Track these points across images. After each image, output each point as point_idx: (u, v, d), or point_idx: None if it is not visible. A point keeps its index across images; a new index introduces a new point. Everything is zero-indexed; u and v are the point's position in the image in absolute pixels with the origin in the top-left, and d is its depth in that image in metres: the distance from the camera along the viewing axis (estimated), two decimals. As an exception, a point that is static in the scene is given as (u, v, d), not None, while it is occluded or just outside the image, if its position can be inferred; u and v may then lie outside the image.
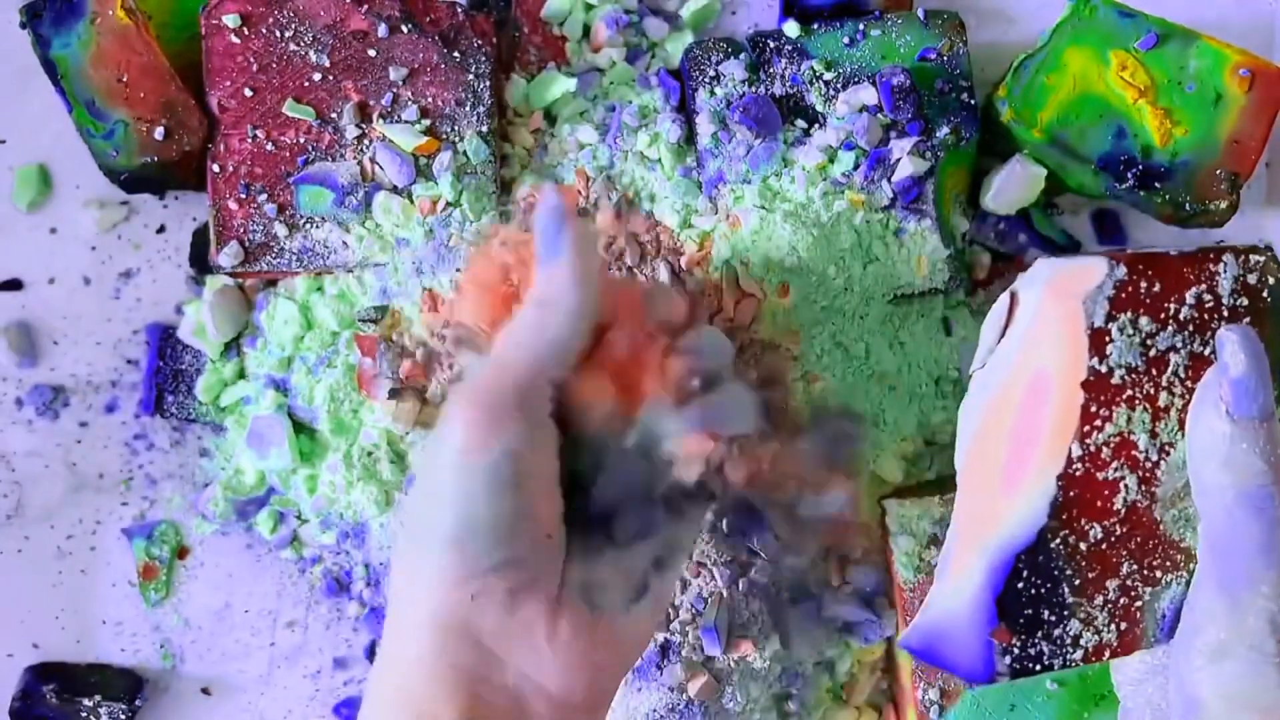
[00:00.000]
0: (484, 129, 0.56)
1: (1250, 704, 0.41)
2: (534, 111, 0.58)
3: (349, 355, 0.56)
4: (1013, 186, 0.58)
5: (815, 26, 0.57)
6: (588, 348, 0.45)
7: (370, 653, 0.58)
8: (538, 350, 0.44)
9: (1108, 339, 0.47)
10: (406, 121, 0.55)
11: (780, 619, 0.55)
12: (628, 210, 0.56)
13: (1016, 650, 0.47)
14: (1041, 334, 0.47)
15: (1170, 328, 0.47)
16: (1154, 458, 0.47)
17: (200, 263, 0.59)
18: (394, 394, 0.55)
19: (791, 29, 0.57)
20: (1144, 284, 0.47)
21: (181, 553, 0.59)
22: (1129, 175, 0.56)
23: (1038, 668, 0.47)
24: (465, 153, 0.55)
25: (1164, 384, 0.47)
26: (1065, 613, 0.47)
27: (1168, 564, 0.47)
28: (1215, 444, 0.43)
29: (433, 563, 0.42)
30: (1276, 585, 0.42)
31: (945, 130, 0.56)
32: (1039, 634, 0.47)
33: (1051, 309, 0.47)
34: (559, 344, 0.44)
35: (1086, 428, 0.47)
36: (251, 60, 0.55)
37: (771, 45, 0.57)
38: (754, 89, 0.57)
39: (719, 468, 0.47)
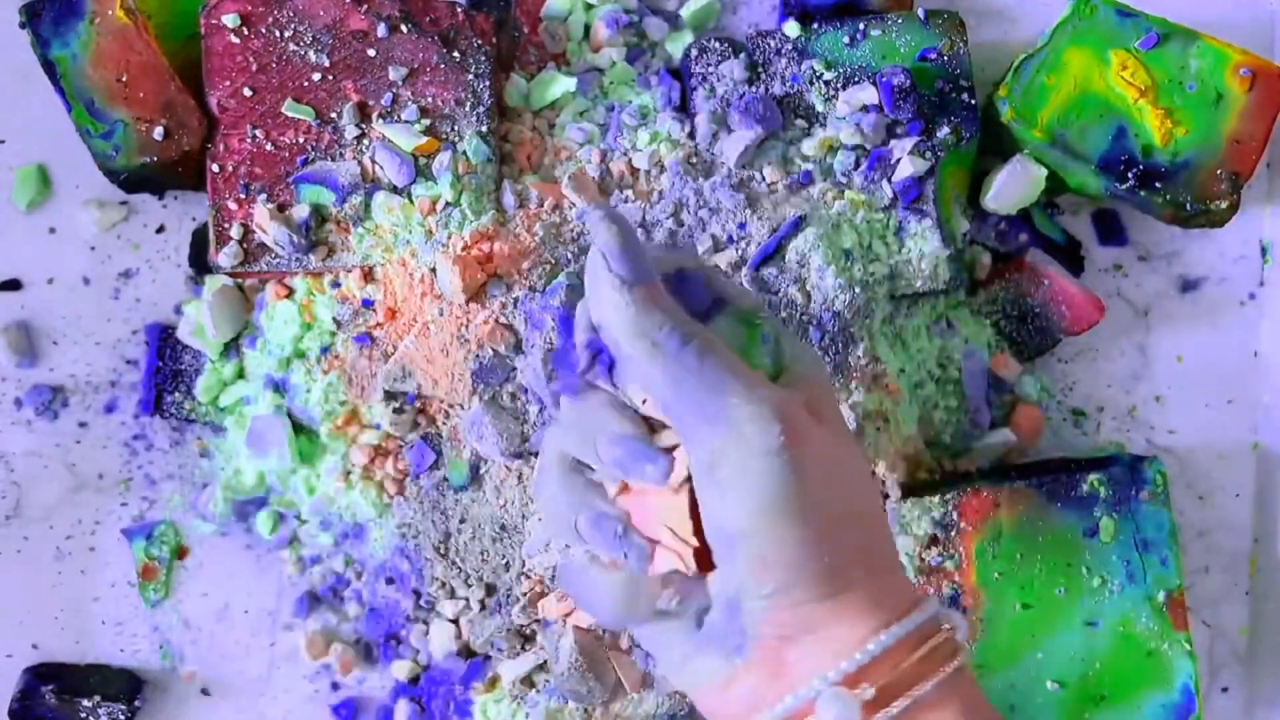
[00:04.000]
0: (484, 129, 0.56)
1: (770, 498, 0.42)
2: (533, 111, 0.58)
3: (346, 357, 0.56)
4: (1013, 186, 0.58)
5: (815, 26, 0.57)
6: None
7: (369, 653, 0.58)
8: None
9: None
10: (406, 121, 0.55)
11: None
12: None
13: None
14: None
15: None
16: None
17: (199, 263, 0.58)
18: (389, 397, 0.56)
19: (791, 29, 0.57)
20: None
21: (181, 553, 0.58)
22: (1130, 175, 0.56)
23: None
24: (465, 153, 0.55)
25: None
26: None
27: None
28: (620, 316, 0.43)
29: None
30: (745, 392, 0.42)
31: (945, 130, 0.56)
32: None
33: None
34: None
35: None
36: (251, 60, 0.55)
37: (771, 45, 0.57)
38: (754, 89, 0.57)
39: None
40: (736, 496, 0.41)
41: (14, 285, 0.58)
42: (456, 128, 0.56)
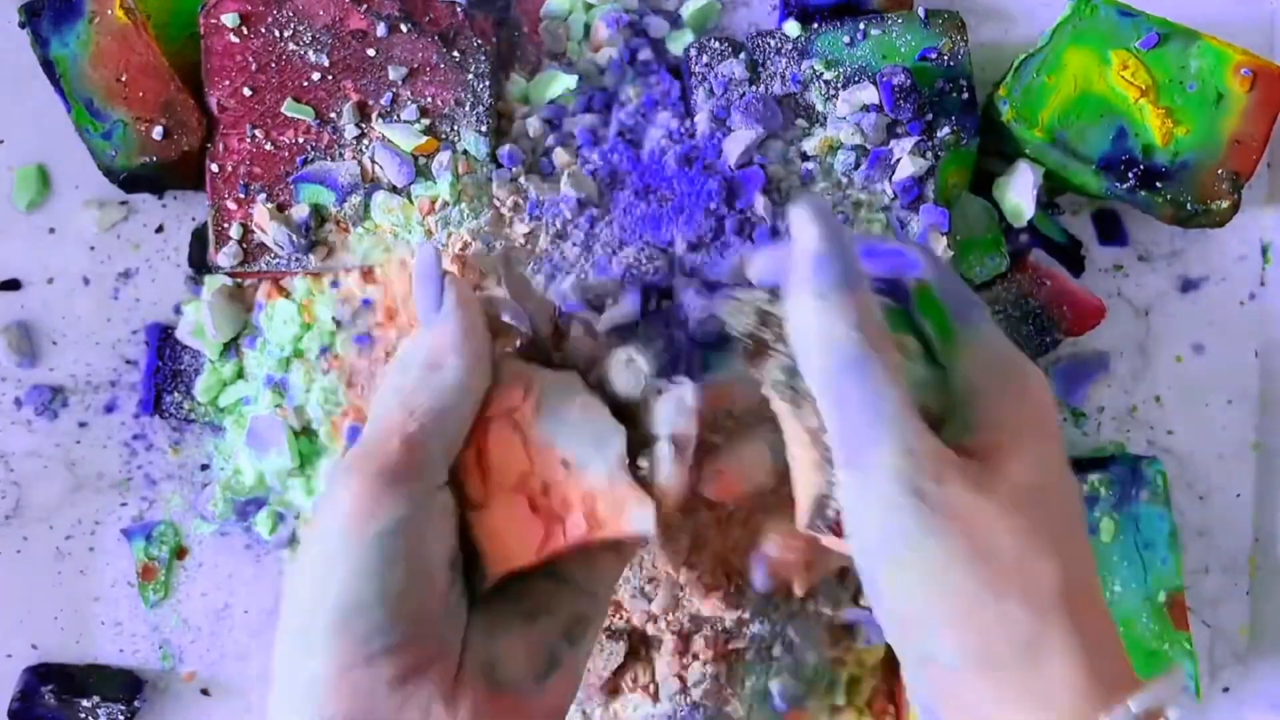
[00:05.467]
0: (484, 129, 0.56)
1: (900, 560, 0.39)
2: (533, 110, 0.58)
3: (346, 357, 0.56)
4: (1026, 194, 0.58)
5: (815, 26, 0.57)
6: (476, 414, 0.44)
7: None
8: (428, 416, 0.42)
9: None
10: (406, 121, 0.55)
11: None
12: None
13: None
14: None
15: None
16: None
17: (199, 263, 0.58)
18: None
19: (792, 29, 0.57)
20: None
21: (180, 553, 0.58)
22: (1130, 175, 0.56)
23: None
24: (465, 152, 0.55)
25: None
26: None
27: None
28: (807, 321, 0.41)
29: (315, 646, 0.39)
30: (894, 442, 0.39)
31: (946, 130, 0.56)
32: None
33: None
34: (449, 412, 0.42)
35: None
36: (251, 60, 0.55)
37: (772, 45, 0.57)
38: (754, 89, 0.57)
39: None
40: (860, 541, 0.40)
41: (14, 285, 0.58)
42: (456, 128, 0.56)
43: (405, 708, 0.39)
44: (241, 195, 0.55)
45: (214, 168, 0.55)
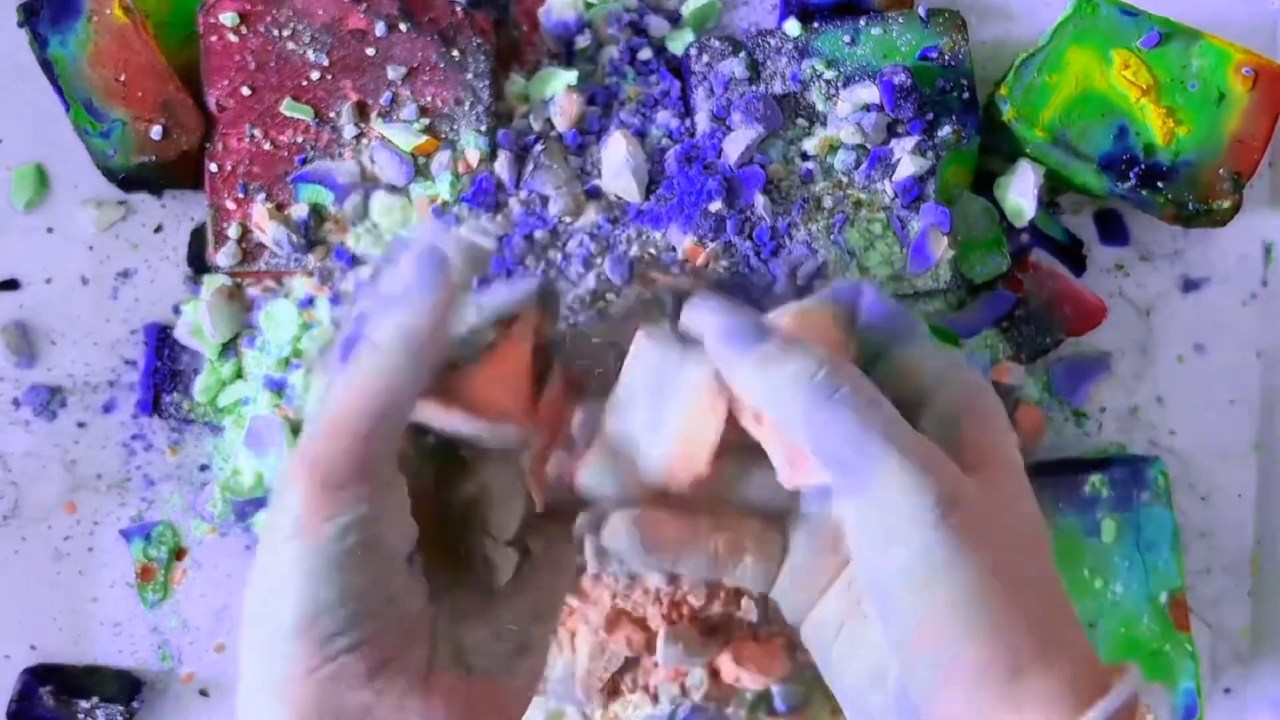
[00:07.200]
0: (483, 128, 0.56)
1: (927, 582, 0.38)
2: (532, 109, 0.58)
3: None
4: (1027, 194, 0.57)
5: (816, 25, 0.57)
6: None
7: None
8: (378, 401, 0.40)
9: None
10: (405, 121, 0.55)
11: None
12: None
13: None
14: None
15: None
16: None
17: (198, 262, 0.58)
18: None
19: (792, 28, 0.57)
20: None
21: (179, 554, 0.58)
22: (1131, 174, 0.56)
23: None
24: (464, 152, 0.55)
25: None
26: None
27: None
28: (755, 383, 0.41)
29: (278, 652, 0.38)
30: (897, 454, 0.39)
31: (946, 129, 0.56)
32: None
33: None
34: (403, 393, 0.40)
35: None
36: (249, 59, 0.55)
37: (772, 44, 0.57)
38: (754, 88, 0.56)
39: None
40: (874, 567, 0.39)
41: (12, 285, 0.58)
42: (456, 127, 0.55)
43: (379, 702, 0.39)
44: (240, 195, 0.55)
45: (213, 167, 0.55)
